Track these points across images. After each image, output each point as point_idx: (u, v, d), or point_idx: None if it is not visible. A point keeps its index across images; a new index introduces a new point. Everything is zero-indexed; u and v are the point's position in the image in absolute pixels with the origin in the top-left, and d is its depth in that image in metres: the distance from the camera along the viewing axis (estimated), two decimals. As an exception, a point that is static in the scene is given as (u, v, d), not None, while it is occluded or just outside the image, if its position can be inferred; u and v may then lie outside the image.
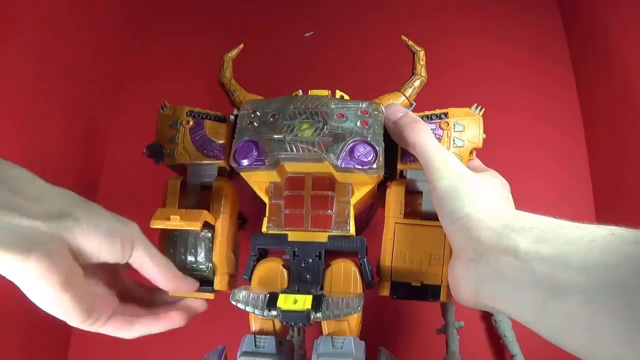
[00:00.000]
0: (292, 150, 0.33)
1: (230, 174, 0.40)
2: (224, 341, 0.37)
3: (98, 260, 0.31)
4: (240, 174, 0.35)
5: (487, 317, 0.53)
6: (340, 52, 0.66)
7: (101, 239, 0.30)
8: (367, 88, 0.42)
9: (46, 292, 0.27)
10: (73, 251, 0.29)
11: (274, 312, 0.31)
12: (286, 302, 0.31)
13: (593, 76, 0.57)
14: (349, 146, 0.33)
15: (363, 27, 0.67)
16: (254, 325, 0.35)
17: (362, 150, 0.33)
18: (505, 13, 0.65)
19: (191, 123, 0.39)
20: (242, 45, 0.45)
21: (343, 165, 0.32)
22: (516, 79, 0.62)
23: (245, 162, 0.33)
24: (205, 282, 0.38)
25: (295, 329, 0.45)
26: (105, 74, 0.63)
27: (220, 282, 0.37)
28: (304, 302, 0.31)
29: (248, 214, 0.44)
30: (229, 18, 0.68)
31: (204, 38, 0.67)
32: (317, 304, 0.31)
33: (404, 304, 0.37)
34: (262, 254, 0.38)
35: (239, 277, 0.38)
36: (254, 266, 0.36)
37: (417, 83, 0.41)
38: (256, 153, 0.33)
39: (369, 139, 0.33)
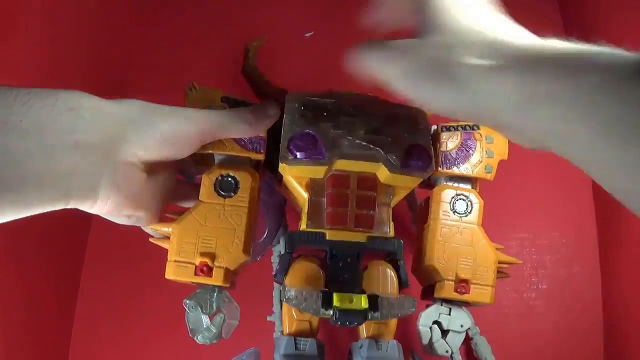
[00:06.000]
0: (353, 148, 0.32)
1: (255, 167, 0.38)
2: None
3: (167, 160, 0.31)
4: (285, 165, 0.34)
5: (466, 340, 0.53)
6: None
7: (166, 146, 0.29)
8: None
9: (121, 217, 0.30)
10: (139, 165, 0.29)
11: (330, 312, 0.30)
12: (342, 301, 0.31)
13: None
14: (405, 149, 0.33)
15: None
16: (289, 327, 0.34)
17: (417, 155, 0.33)
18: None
19: None
20: (265, 37, 0.43)
21: (401, 168, 0.32)
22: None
23: (300, 154, 0.32)
24: None
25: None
26: (105, 76, 0.58)
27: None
28: (360, 301, 0.31)
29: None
30: (230, 18, 0.65)
31: (204, 41, 0.62)
32: (373, 303, 0.31)
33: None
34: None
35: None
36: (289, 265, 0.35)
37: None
38: (315, 147, 0.32)
39: (422, 143, 0.34)
